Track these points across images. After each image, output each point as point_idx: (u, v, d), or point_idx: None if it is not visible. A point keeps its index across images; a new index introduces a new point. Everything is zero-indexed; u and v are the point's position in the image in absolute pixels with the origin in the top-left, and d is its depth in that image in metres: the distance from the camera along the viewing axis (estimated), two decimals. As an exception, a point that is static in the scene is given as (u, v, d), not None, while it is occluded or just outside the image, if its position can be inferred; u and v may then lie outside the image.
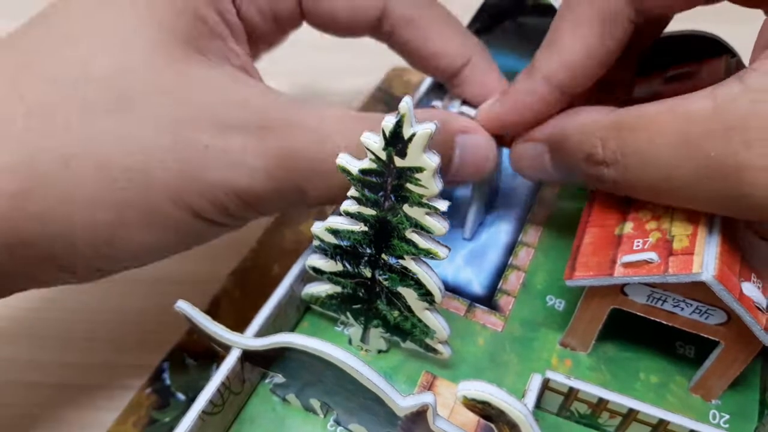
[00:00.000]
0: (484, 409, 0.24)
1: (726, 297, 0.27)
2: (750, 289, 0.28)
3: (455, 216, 0.41)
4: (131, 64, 0.27)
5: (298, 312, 0.35)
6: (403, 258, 0.29)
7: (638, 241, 0.30)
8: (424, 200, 0.26)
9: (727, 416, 0.32)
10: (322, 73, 0.60)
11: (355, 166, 0.27)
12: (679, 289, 0.29)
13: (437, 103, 0.38)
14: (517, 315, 0.36)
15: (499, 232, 0.41)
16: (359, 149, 0.26)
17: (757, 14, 0.31)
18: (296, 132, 0.29)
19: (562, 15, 0.31)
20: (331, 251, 0.30)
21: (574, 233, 0.34)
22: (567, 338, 0.35)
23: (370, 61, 0.60)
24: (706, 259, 0.28)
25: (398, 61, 0.39)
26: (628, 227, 0.32)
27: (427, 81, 0.45)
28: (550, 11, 0.42)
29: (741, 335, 0.29)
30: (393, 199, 0.27)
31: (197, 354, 0.37)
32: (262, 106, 0.29)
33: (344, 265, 0.31)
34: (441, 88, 0.48)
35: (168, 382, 0.36)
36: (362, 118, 0.30)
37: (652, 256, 0.29)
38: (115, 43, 0.28)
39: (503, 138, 0.37)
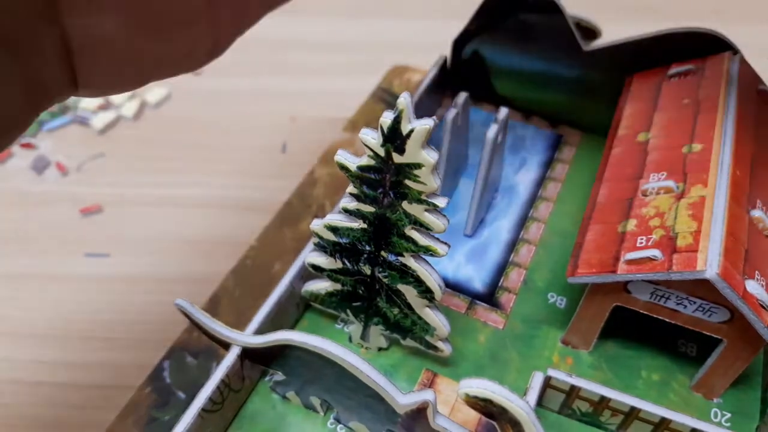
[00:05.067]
0: (486, 407, 0.24)
1: (730, 295, 0.27)
2: (754, 286, 0.28)
3: (456, 212, 0.41)
4: None
5: (298, 309, 0.35)
6: (402, 255, 0.28)
7: (641, 239, 0.30)
8: (423, 197, 0.26)
9: (729, 414, 0.32)
10: (322, 72, 0.60)
11: (353, 162, 0.26)
12: (682, 287, 0.29)
13: (452, 110, 0.37)
14: (518, 312, 0.36)
15: (500, 228, 0.40)
16: None
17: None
18: None
19: None
20: (330, 248, 0.30)
21: (576, 230, 0.34)
22: (569, 336, 0.34)
23: (370, 60, 0.60)
24: (710, 257, 0.27)
25: (398, 60, 0.39)
26: (632, 224, 0.31)
27: (428, 79, 0.45)
28: (553, 8, 0.42)
29: (744, 333, 0.29)
30: (392, 195, 0.27)
31: (197, 352, 0.37)
32: None
33: (344, 263, 0.31)
34: (441, 86, 0.48)
35: (168, 380, 0.36)
36: None
37: (655, 253, 0.29)
38: None
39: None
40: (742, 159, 0.32)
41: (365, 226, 0.28)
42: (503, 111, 0.38)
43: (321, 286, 0.33)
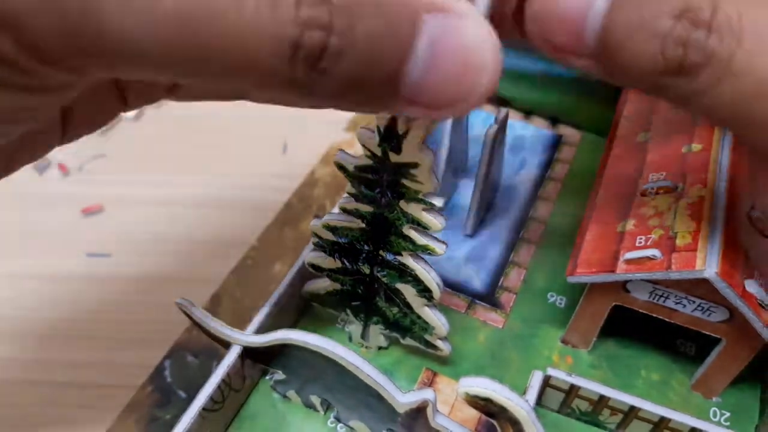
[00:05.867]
0: (486, 406, 0.24)
1: (729, 294, 0.27)
2: (753, 286, 0.28)
3: (456, 212, 0.41)
4: None
5: (298, 309, 0.35)
6: (400, 254, 0.29)
7: (641, 238, 0.30)
8: (421, 196, 0.26)
9: (728, 414, 0.32)
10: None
11: (351, 162, 0.27)
12: (681, 286, 0.29)
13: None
14: (518, 312, 0.36)
15: (500, 228, 0.41)
16: None
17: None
18: None
19: None
20: (329, 248, 0.30)
21: (576, 230, 0.34)
22: (568, 335, 0.34)
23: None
24: (709, 256, 0.27)
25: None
26: (631, 224, 0.31)
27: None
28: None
29: (743, 332, 0.29)
30: (389, 195, 0.27)
31: (198, 351, 0.37)
32: None
33: (343, 262, 0.31)
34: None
35: (169, 379, 0.36)
36: None
37: (654, 252, 0.29)
38: None
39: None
40: (741, 159, 0.32)
41: (364, 225, 0.28)
42: (503, 111, 0.38)
43: (321, 285, 0.33)
